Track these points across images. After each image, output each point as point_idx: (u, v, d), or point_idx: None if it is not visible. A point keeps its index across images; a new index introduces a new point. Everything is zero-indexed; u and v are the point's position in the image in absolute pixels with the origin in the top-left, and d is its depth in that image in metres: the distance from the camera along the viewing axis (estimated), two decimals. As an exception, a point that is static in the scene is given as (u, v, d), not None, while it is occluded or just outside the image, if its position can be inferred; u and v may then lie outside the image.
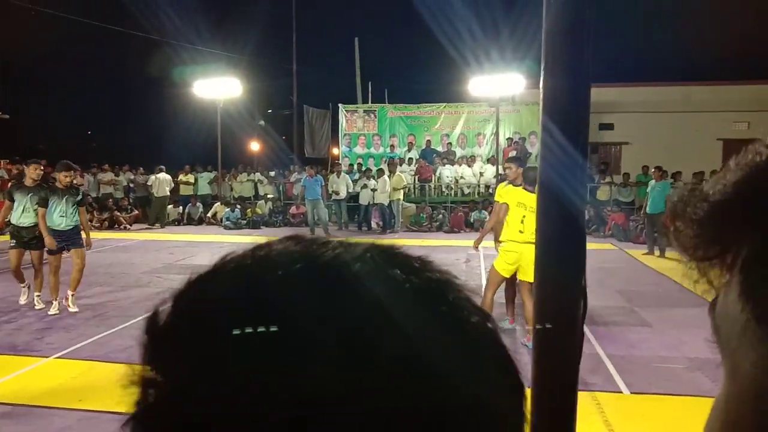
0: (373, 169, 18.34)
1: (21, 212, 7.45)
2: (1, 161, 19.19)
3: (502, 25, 21.09)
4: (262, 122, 31.53)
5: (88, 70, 32.63)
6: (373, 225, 17.52)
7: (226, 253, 0.37)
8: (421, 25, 20.27)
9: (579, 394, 1.79)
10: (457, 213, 17.49)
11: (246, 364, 0.28)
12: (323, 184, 16.83)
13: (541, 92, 1.32)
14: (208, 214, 18.91)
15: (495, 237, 6.70)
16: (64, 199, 7.36)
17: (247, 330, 0.29)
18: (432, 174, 19.51)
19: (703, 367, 5.51)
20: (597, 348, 5.91)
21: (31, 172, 7.58)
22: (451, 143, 20.95)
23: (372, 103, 23.88)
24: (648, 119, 21.87)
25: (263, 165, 22.97)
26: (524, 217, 5.93)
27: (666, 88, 23.04)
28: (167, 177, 18.88)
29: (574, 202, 1.29)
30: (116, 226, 17.61)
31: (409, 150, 20.96)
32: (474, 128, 21.20)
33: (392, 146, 21.39)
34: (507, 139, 20.41)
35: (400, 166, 19.21)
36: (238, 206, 18.37)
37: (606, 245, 13.98)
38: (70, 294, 7.47)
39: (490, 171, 19.09)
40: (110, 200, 18.66)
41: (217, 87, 20.16)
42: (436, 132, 21.31)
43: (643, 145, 21.37)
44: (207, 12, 27.00)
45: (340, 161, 21.11)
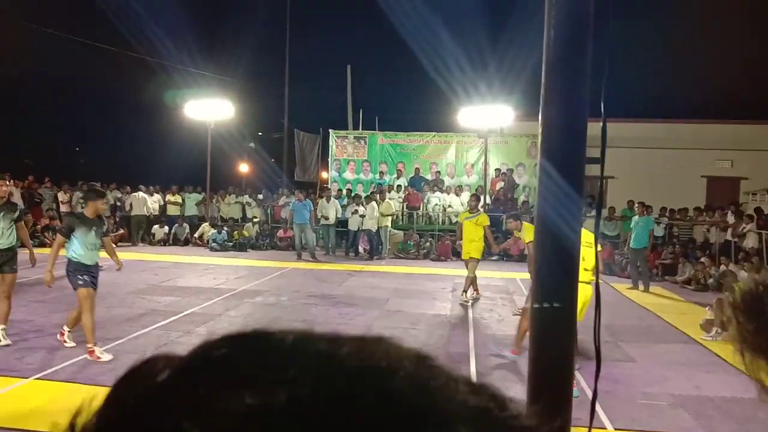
0: (363, 195, 18.42)
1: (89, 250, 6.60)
2: None
3: (491, 59, 21.45)
4: (253, 144, 31.60)
5: (79, 87, 32.61)
6: (361, 251, 17.52)
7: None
8: (413, 56, 20.55)
9: None
10: (444, 241, 17.55)
11: None
12: (312, 208, 16.86)
13: (539, 135, 1.35)
14: (195, 235, 18.82)
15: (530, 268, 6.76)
16: (93, 230, 6.62)
17: None
18: (420, 202, 19.61)
19: (686, 404, 5.54)
20: (582, 382, 5.92)
21: (101, 207, 6.82)
22: (440, 172, 21.11)
23: (362, 129, 24.05)
24: (634, 155, 22.19)
25: (252, 187, 22.96)
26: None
27: (652, 124, 23.47)
28: (144, 196, 18.85)
29: (570, 240, 1.32)
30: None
31: (398, 177, 21.08)
32: (463, 158, 21.40)
33: (381, 173, 21.51)
34: (495, 169, 20.61)
35: (389, 193, 19.30)
36: (225, 228, 18.32)
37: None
38: (93, 346, 6.35)
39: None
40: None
41: (208, 108, 20.23)
42: (425, 160, 21.49)
43: (628, 179, 21.64)
44: (200, 34, 27.20)
45: (329, 186, 21.17)
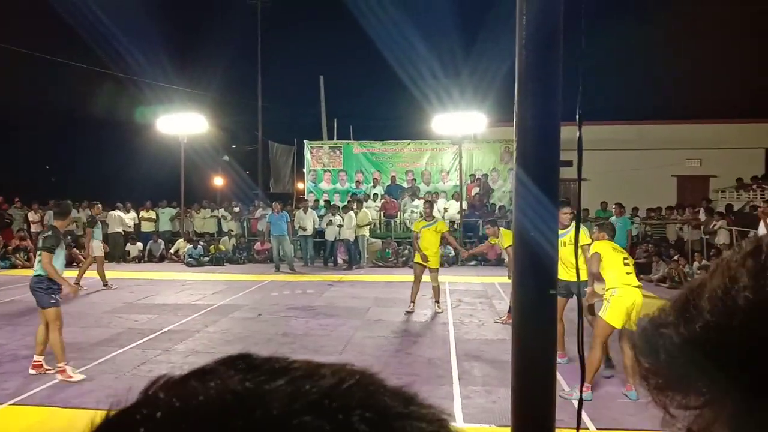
0: (340, 205, 18.40)
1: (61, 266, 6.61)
2: None
3: (463, 66, 21.66)
4: (227, 158, 31.41)
5: (48, 104, 32.12)
6: (339, 261, 17.48)
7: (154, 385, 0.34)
8: (386, 65, 20.67)
9: None
10: (422, 249, 17.59)
11: None
12: (289, 220, 16.79)
13: (515, 144, 1.36)
14: (170, 251, 18.59)
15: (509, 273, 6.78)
16: (64, 246, 6.51)
17: None
18: (397, 210, 19.65)
19: (665, 402, 5.61)
20: (563, 384, 5.97)
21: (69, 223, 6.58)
22: (415, 179, 21.20)
23: (337, 139, 24.06)
24: (606, 156, 22.51)
25: (227, 200, 22.80)
26: (625, 258, 5.86)
27: (622, 126, 23.86)
28: (120, 214, 18.56)
29: (547, 252, 1.34)
30: (74, 263, 17.15)
31: (374, 186, 21.11)
32: (438, 165, 21.52)
33: (358, 182, 21.51)
34: (470, 175, 20.75)
35: (366, 202, 19.31)
36: (201, 243, 18.14)
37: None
38: (64, 365, 6.25)
39: (455, 207, 19.32)
40: (69, 237, 18.18)
41: (181, 123, 20.06)
42: (401, 168, 21.56)
43: (601, 181, 21.93)
44: (172, 49, 27.00)
45: (305, 197, 21.11)
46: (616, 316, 5.47)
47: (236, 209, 20.51)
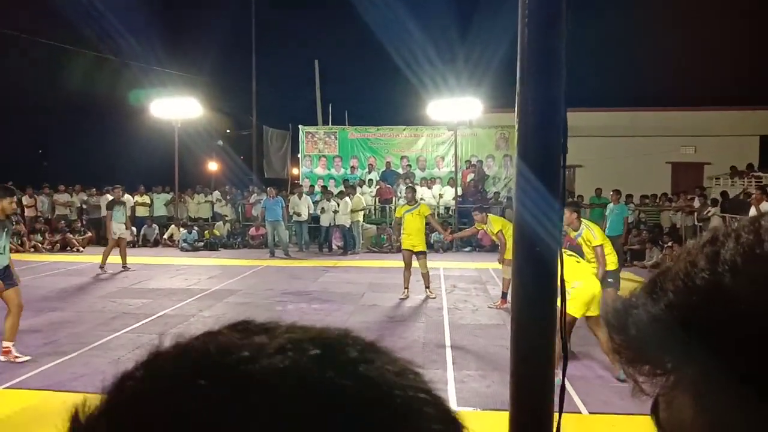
0: (334, 191, 18.37)
1: None
2: None
3: (459, 51, 21.56)
4: (221, 142, 31.26)
5: (40, 88, 31.81)
6: (334, 246, 17.50)
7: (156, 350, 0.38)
8: (382, 50, 20.55)
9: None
10: (417, 234, 17.60)
11: None
12: (284, 205, 16.76)
13: (516, 136, 1.34)
14: (164, 236, 18.55)
15: (500, 258, 6.89)
16: (5, 231, 6.22)
17: None
18: (392, 195, 19.63)
19: (657, 386, 5.66)
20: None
21: (7, 206, 6.28)
22: (410, 165, 21.17)
23: (332, 124, 23.97)
24: (600, 143, 22.54)
25: (222, 185, 22.72)
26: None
27: (617, 113, 23.86)
28: (108, 198, 18.59)
29: (548, 244, 1.33)
30: (69, 248, 17.12)
31: (369, 172, 21.07)
32: (433, 151, 21.48)
33: (353, 168, 21.47)
34: (465, 161, 20.73)
35: (360, 187, 19.29)
36: (195, 228, 18.10)
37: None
38: (10, 345, 6.28)
39: (449, 193, 19.32)
40: (62, 222, 18.15)
41: (174, 107, 19.92)
42: (396, 154, 21.51)
43: (595, 167, 21.98)
44: (165, 32, 26.75)
45: (300, 182, 21.06)
46: (577, 306, 5.65)
47: (228, 196, 20.44)
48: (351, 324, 6.17)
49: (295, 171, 24.71)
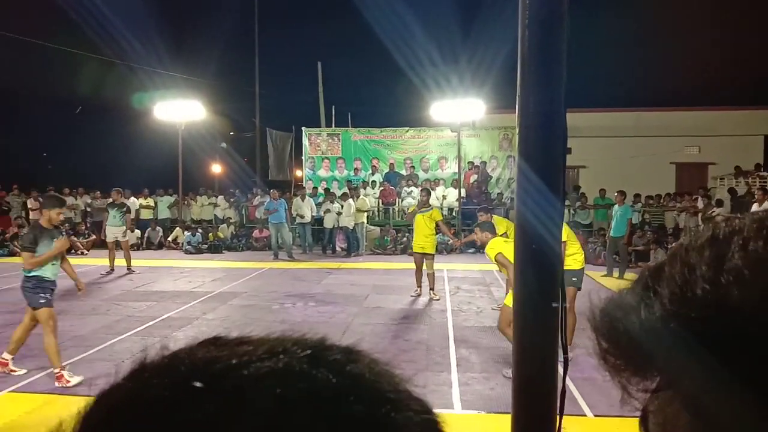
0: (338, 193, 18.38)
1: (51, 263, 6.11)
2: None
3: (462, 52, 21.54)
4: (224, 145, 31.29)
5: (44, 91, 31.91)
6: (338, 248, 17.49)
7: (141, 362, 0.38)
8: (385, 51, 20.54)
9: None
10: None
11: None
12: (287, 207, 16.77)
13: (517, 134, 1.33)
14: (169, 239, 18.58)
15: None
16: (53, 241, 6.05)
17: None
18: (396, 197, 19.62)
19: (662, 389, 5.63)
20: (560, 371, 5.98)
21: (55, 216, 6.11)
22: (414, 167, 21.16)
23: (336, 126, 23.98)
24: (604, 143, 22.50)
25: (225, 188, 22.76)
26: None
27: (621, 113, 23.81)
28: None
29: (550, 244, 1.32)
30: (73, 251, 17.14)
31: (372, 173, 21.06)
32: (436, 152, 21.46)
33: (356, 169, 21.47)
34: (468, 163, 20.70)
35: (364, 189, 19.29)
36: (199, 230, 18.12)
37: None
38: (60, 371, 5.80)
39: (453, 194, 19.30)
40: (66, 225, 18.19)
41: (178, 110, 19.96)
42: (400, 156, 21.51)
43: (599, 168, 21.94)
44: (168, 35, 26.82)
45: (303, 184, 21.06)
46: None
47: (232, 199, 20.45)
48: (355, 326, 6.16)
49: (298, 173, 24.73)
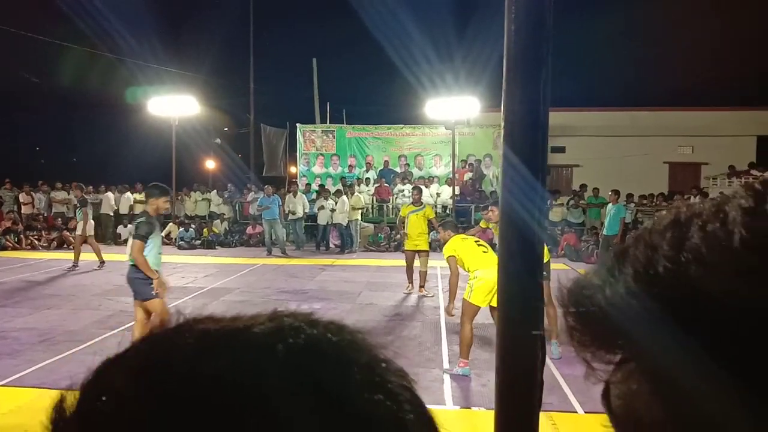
0: (332, 189, 18.36)
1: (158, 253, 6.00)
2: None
3: (457, 50, 21.54)
4: (218, 140, 31.22)
5: (38, 86, 31.74)
6: (331, 245, 17.48)
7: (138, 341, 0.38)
8: (380, 48, 20.53)
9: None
10: (414, 233, 17.60)
11: None
12: (280, 203, 16.75)
13: (502, 128, 1.34)
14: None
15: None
16: (157, 229, 5.98)
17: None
18: (390, 194, 19.62)
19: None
20: (552, 368, 6.01)
21: (162, 205, 6.09)
22: (408, 164, 21.15)
23: (330, 123, 23.95)
24: (598, 143, 22.56)
25: (219, 184, 22.70)
26: (476, 241, 6.51)
27: (615, 113, 23.87)
28: (110, 195, 18.79)
29: (534, 233, 1.33)
30: (65, 246, 17.08)
31: (367, 170, 21.06)
32: (431, 149, 21.47)
33: (351, 166, 21.46)
34: (462, 161, 20.72)
35: (358, 186, 19.28)
36: (193, 226, 18.08)
37: (559, 265, 14.28)
38: None
39: (447, 192, 19.31)
40: (59, 219, 18.14)
41: (172, 105, 19.87)
42: (394, 153, 21.51)
43: (593, 167, 22.00)
44: (163, 29, 26.71)
45: (297, 180, 21.04)
46: (479, 296, 5.89)
47: (227, 194, 20.42)
48: (347, 322, 6.21)
49: (292, 169, 24.70)
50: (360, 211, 17.61)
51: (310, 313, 0.38)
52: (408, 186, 19.68)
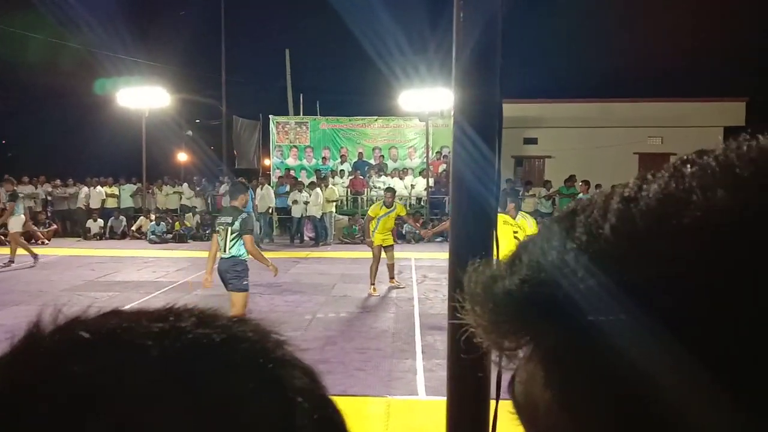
0: (306, 182, 18.27)
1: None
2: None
3: (430, 41, 21.51)
4: (190, 132, 30.83)
5: (2, 77, 30.94)
6: (306, 237, 17.42)
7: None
8: (353, 39, 20.41)
9: (501, 403, 1.85)
10: (388, 225, 17.62)
11: None
12: (254, 196, 16.60)
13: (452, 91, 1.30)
14: (133, 228, 18.26)
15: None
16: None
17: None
18: (365, 186, 19.60)
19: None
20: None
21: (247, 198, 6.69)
22: (383, 156, 21.14)
23: (304, 114, 23.80)
24: (569, 134, 22.80)
25: (191, 176, 22.43)
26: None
27: (586, 104, 24.12)
28: (86, 190, 18.46)
29: (486, 198, 1.31)
30: (33, 241, 16.73)
31: (341, 162, 21.00)
32: (405, 141, 21.48)
33: (324, 158, 21.37)
34: (436, 152, 20.78)
35: (332, 178, 19.22)
36: (164, 220, 17.84)
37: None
38: None
39: (421, 184, 19.37)
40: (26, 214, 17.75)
41: (142, 96, 19.57)
42: (368, 145, 21.47)
43: (565, 158, 22.23)
44: (132, 19, 26.22)
45: (270, 173, 20.88)
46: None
47: (198, 188, 20.19)
48: (322, 315, 6.18)
49: (267, 162, 24.52)
50: (334, 204, 17.56)
51: (205, 312, 0.39)
52: (384, 178, 19.70)
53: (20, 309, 8.36)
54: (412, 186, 19.65)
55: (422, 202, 18.96)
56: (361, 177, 19.80)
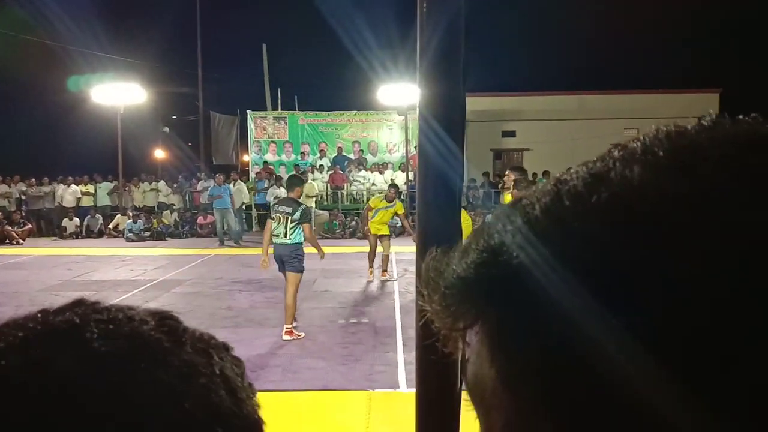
0: (285, 177, 18.19)
1: None
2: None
3: (408, 36, 21.50)
4: (166, 129, 30.49)
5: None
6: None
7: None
8: (331, 33, 20.35)
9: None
10: (369, 219, 17.62)
11: None
12: (232, 192, 16.46)
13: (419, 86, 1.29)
14: (109, 226, 18.03)
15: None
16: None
17: None
18: (344, 181, 19.56)
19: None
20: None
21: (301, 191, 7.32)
22: (362, 150, 21.10)
23: (282, 109, 23.65)
24: (547, 126, 22.97)
25: (168, 173, 22.19)
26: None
27: (563, 97, 24.33)
28: (62, 188, 18.19)
29: (452, 190, 1.30)
30: (7, 241, 16.44)
31: (321, 157, 20.92)
32: (385, 136, 21.46)
33: (303, 153, 21.27)
34: (416, 146, 20.77)
35: (312, 173, 19.14)
36: (141, 218, 17.61)
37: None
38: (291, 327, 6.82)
39: (401, 178, 19.38)
40: (0, 213, 17.43)
41: (117, 93, 19.29)
42: (348, 139, 21.41)
43: (543, 150, 22.40)
44: (106, 14, 25.80)
45: (249, 168, 20.75)
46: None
47: (175, 185, 19.95)
48: (303, 310, 6.12)
49: (245, 157, 24.34)
50: (314, 199, 17.49)
51: (112, 308, 0.40)
52: (365, 173, 19.68)
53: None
54: (392, 180, 19.64)
55: (402, 197, 18.96)
56: (341, 172, 19.75)
